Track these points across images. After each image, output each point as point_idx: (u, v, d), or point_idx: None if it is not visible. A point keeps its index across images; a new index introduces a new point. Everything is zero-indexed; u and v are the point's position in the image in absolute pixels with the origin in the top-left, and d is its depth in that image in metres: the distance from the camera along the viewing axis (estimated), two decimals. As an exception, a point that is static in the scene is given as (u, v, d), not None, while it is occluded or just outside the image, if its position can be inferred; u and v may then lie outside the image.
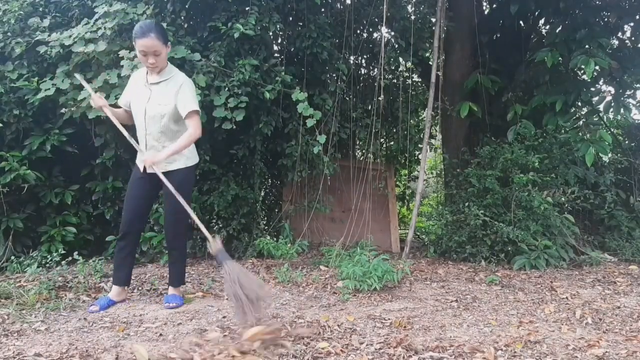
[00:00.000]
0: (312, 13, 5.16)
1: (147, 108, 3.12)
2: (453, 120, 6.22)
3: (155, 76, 3.15)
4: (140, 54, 3.04)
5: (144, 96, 3.14)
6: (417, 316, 3.10)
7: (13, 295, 3.27)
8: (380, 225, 5.94)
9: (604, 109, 5.74)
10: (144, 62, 3.08)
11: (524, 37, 6.47)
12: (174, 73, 3.20)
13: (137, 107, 3.16)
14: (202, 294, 3.58)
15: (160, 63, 3.08)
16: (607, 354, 2.50)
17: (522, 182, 4.87)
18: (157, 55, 3.03)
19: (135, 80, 3.27)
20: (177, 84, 3.12)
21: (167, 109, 3.10)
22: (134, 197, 3.23)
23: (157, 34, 2.99)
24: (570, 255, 4.86)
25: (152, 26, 3.01)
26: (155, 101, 3.11)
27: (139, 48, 3.01)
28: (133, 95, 3.20)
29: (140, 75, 3.24)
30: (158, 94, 3.12)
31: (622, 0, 5.88)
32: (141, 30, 2.98)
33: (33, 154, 4.37)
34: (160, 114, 3.10)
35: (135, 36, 3.01)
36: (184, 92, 3.10)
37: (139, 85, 3.20)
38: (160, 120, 3.11)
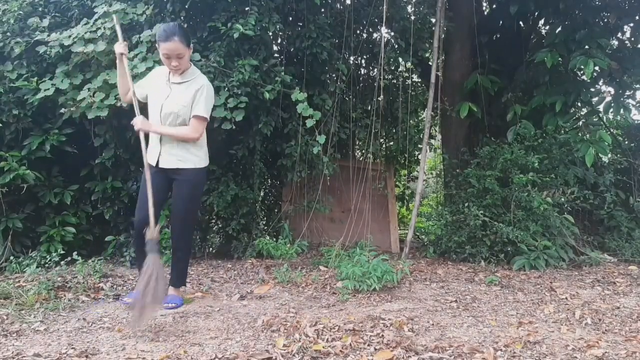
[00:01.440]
0: (311, 13, 5.16)
1: (164, 105, 3.14)
2: (453, 120, 6.22)
3: (177, 77, 3.18)
4: (164, 57, 3.06)
5: (164, 93, 3.17)
6: (417, 316, 3.10)
7: (12, 296, 3.26)
8: (380, 226, 5.94)
9: (604, 110, 5.75)
10: (167, 65, 3.11)
11: (523, 37, 6.48)
12: (197, 75, 3.22)
13: (155, 103, 3.18)
14: (202, 294, 3.58)
15: (183, 65, 3.11)
16: (606, 354, 2.50)
17: (522, 182, 4.87)
18: (181, 58, 3.06)
19: (156, 75, 3.29)
20: (196, 87, 3.15)
21: (184, 110, 3.13)
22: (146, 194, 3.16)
23: (181, 37, 3.01)
24: (569, 255, 4.86)
25: (175, 29, 3.02)
26: (174, 100, 3.13)
27: (163, 51, 3.03)
28: (152, 90, 3.22)
29: (163, 72, 3.26)
30: (178, 93, 3.15)
31: (622, 1, 5.88)
32: (165, 33, 3.00)
33: (32, 154, 4.36)
34: (176, 113, 3.13)
35: (158, 39, 3.04)
36: (201, 96, 3.14)
37: (159, 82, 3.22)
38: (175, 119, 3.14)
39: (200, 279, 4.02)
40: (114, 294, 3.50)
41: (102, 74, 4.17)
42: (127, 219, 4.90)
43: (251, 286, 3.84)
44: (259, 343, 2.60)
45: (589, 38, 5.22)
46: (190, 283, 3.90)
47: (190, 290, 3.67)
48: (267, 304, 3.35)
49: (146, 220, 3.15)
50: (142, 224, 3.15)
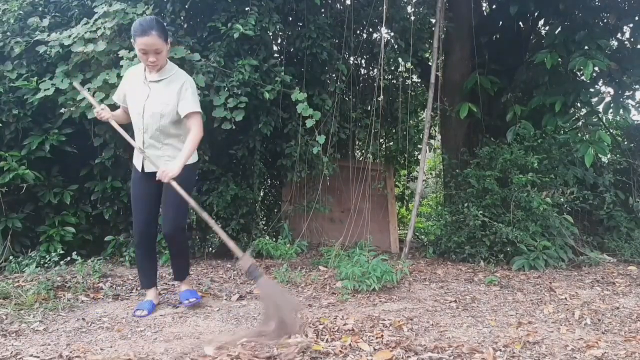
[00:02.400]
0: (311, 13, 5.16)
1: (145, 106, 3.01)
2: (452, 120, 6.22)
3: (155, 74, 3.03)
4: (140, 52, 2.91)
5: (143, 94, 3.03)
6: (416, 317, 3.10)
7: (11, 295, 3.26)
8: (380, 226, 5.94)
9: (603, 110, 5.75)
10: (144, 61, 2.96)
11: (523, 38, 6.48)
12: (175, 71, 3.09)
13: (135, 105, 3.05)
14: (201, 294, 3.57)
15: (160, 61, 2.97)
16: (606, 354, 2.50)
17: (521, 182, 4.87)
18: (158, 53, 2.91)
19: (132, 76, 3.13)
20: (179, 83, 3.02)
21: (167, 108, 3.00)
22: (139, 197, 3.14)
23: (158, 32, 2.87)
24: (569, 255, 4.86)
25: (152, 23, 2.88)
26: (156, 100, 3.00)
27: (139, 46, 2.88)
28: (130, 93, 3.08)
29: (138, 71, 3.12)
30: (158, 92, 3.02)
31: (622, 2, 5.88)
32: (141, 27, 2.85)
33: (32, 154, 4.36)
34: (160, 113, 3.00)
35: (134, 34, 2.88)
36: (185, 92, 3.01)
37: (136, 83, 3.08)
38: (159, 119, 3.01)
39: (200, 279, 4.02)
40: (113, 294, 3.51)
41: (102, 74, 4.17)
42: (126, 219, 4.90)
43: (250, 286, 3.84)
44: (259, 343, 2.60)
45: (589, 39, 5.22)
46: (190, 283, 3.90)
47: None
48: (267, 304, 3.34)
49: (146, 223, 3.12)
50: (143, 227, 3.14)
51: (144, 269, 3.26)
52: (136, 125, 3.10)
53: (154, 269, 3.33)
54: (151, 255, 3.28)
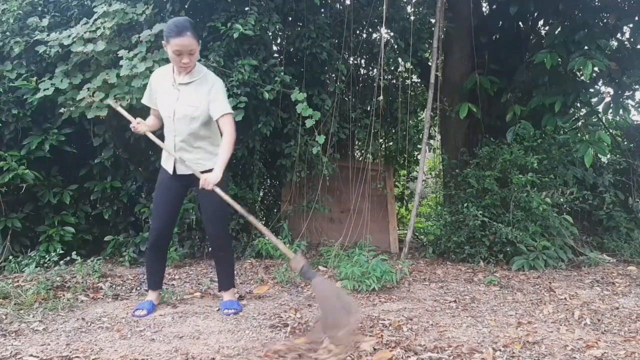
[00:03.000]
0: (311, 13, 5.16)
1: (176, 109, 2.96)
2: (452, 120, 6.21)
3: (184, 76, 2.98)
4: (174, 54, 2.84)
5: (172, 97, 2.98)
6: (416, 317, 3.10)
7: (11, 295, 3.26)
8: (379, 226, 5.93)
9: (603, 110, 5.75)
10: (177, 62, 2.89)
11: (523, 38, 6.48)
12: (204, 72, 3.03)
13: (165, 109, 3.01)
14: (201, 294, 3.57)
15: (193, 63, 2.92)
16: (605, 354, 2.50)
17: (521, 182, 4.87)
18: (192, 54, 2.87)
19: (159, 79, 3.07)
20: (208, 85, 2.97)
21: (198, 111, 2.95)
22: (164, 203, 3.11)
23: (193, 32, 2.82)
24: (568, 256, 4.86)
25: (187, 24, 2.83)
26: (185, 102, 2.96)
27: (174, 47, 2.82)
28: (160, 96, 3.04)
29: (166, 74, 3.06)
30: (188, 94, 2.97)
31: (622, 2, 5.88)
32: (177, 28, 2.79)
33: (32, 154, 4.36)
34: (190, 115, 2.95)
35: (168, 35, 2.82)
36: (216, 93, 2.96)
37: (165, 86, 3.03)
38: (190, 122, 2.97)
39: (200, 279, 4.02)
40: (113, 294, 3.51)
41: (102, 74, 4.17)
42: (126, 219, 4.91)
43: (250, 286, 3.84)
44: (259, 343, 2.60)
45: (589, 39, 5.22)
46: (189, 283, 3.91)
47: (189, 290, 3.68)
48: (266, 304, 3.34)
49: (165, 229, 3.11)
50: (160, 232, 3.12)
51: (152, 269, 3.24)
52: (167, 129, 3.06)
53: (162, 271, 3.31)
54: (162, 257, 3.27)
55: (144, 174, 4.89)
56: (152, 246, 3.19)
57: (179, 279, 4.03)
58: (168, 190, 3.12)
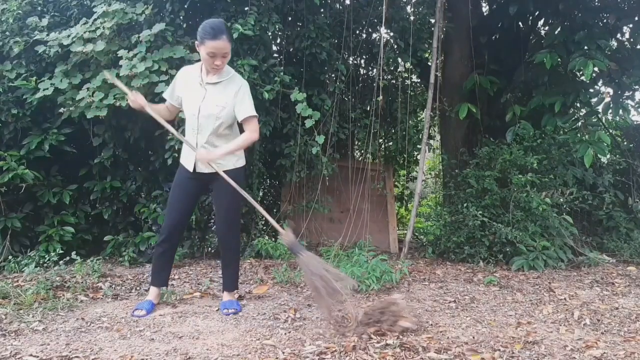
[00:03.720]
0: (311, 13, 5.16)
1: (201, 107, 2.98)
2: (452, 121, 6.22)
3: (213, 76, 3.01)
4: (208, 55, 2.87)
5: (199, 95, 3.00)
6: (416, 317, 3.09)
7: (11, 295, 3.26)
8: (379, 226, 5.94)
9: (603, 110, 5.75)
10: (209, 64, 2.92)
11: (523, 38, 6.48)
12: (232, 74, 3.07)
13: (190, 106, 3.02)
14: (200, 294, 3.57)
15: (224, 65, 2.96)
16: (605, 354, 2.50)
17: (521, 182, 4.87)
18: (225, 57, 2.91)
19: (186, 76, 3.10)
20: (235, 87, 3.01)
21: (224, 111, 2.98)
22: (180, 199, 3.11)
23: (228, 35, 2.86)
24: (568, 256, 4.86)
25: (223, 27, 2.86)
26: (212, 101, 2.98)
27: (209, 49, 2.84)
28: (186, 94, 3.06)
29: (193, 72, 3.08)
30: (215, 94, 2.99)
31: (621, 2, 5.89)
32: (213, 31, 2.82)
33: (31, 154, 4.36)
34: (215, 115, 2.97)
35: (204, 36, 2.83)
36: (243, 96, 3.01)
37: (192, 84, 3.05)
38: (214, 121, 2.98)
39: (199, 279, 4.02)
40: (112, 294, 3.50)
41: (101, 74, 4.17)
42: (125, 219, 4.90)
43: (250, 286, 3.84)
44: (258, 343, 2.60)
45: (588, 39, 5.22)
46: (189, 283, 3.91)
47: (188, 289, 3.67)
48: (266, 304, 3.34)
49: (177, 225, 3.13)
50: (173, 229, 3.13)
51: (159, 266, 3.24)
52: (190, 126, 3.07)
53: (169, 269, 3.32)
54: (171, 254, 3.28)
55: (143, 174, 4.89)
56: (163, 242, 3.18)
57: (179, 279, 4.03)
58: (186, 187, 3.12)
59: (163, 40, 4.27)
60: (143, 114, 3.13)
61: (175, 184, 3.18)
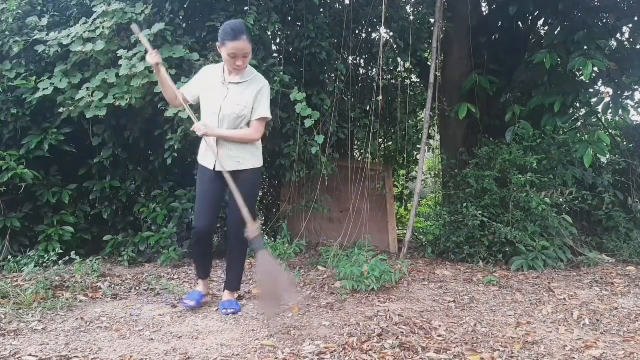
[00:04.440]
0: (310, 13, 5.16)
1: (223, 106, 3.01)
2: (451, 120, 6.21)
3: (235, 76, 3.04)
4: (229, 56, 2.90)
5: (221, 94, 3.04)
6: (415, 317, 3.10)
7: (10, 295, 3.26)
8: (378, 226, 5.93)
9: (603, 110, 5.75)
10: (231, 65, 2.96)
11: (522, 38, 6.48)
12: (255, 75, 3.11)
13: (212, 105, 3.05)
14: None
15: (245, 65, 2.99)
16: (604, 355, 2.51)
17: (521, 182, 4.87)
18: (246, 57, 2.94)
19: (209, 76, 3.13)
20: (257, 87, 3.05)
21: (245, 110, 3.02)
22: (206, 200, 3.14)
23: (248, 35, 2.90)
24: (568, 256, 4.86)
25: (243, 27, 2.90)
26: (233, 101, 3.01)
27: (230, 50, 2.88)
28: (207, 92, 3.08)
29: (216, 72, 3.12)
30: (237, 94, 3.03)
31: (621, 2, 5.88)
32: (233, 32, 2.85)
33: (31, 153, 4.36)
34: (236, 114, 3.01)
35: (225, 38, 2.88)
36: (262, 97, 3.06)
37: (214, 83, 3.08)
38: (235, 120, 3.03)
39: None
40: (112, 294, 3.50)
41: (101, 73, 4.17)
42: (125, 219, 4.90)
43: (249, 286, 3.83)
44: (258, 343, 2.60)
45: (588, 39, 5.22)
46: (189, 282, 3.91)
47: (188, 290, 3.67)
48: (266, 304, 3.34)
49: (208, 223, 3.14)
50: (203, 228, 3.14)
51: (200, 261, 3.30)
52: (210, 124, 3.07)
53: (209, 262, 3.38)
54: (208, 252, 3.31)
55: (143, 174, 4.89)
56: (197, 242, 3.20)
57: (178, 278, 4.03)
58: (209, 186, 3.14)
59: (163, 40, 4.28)
60: (142, 113, 3.14)
61: (199, 185, 3.20)
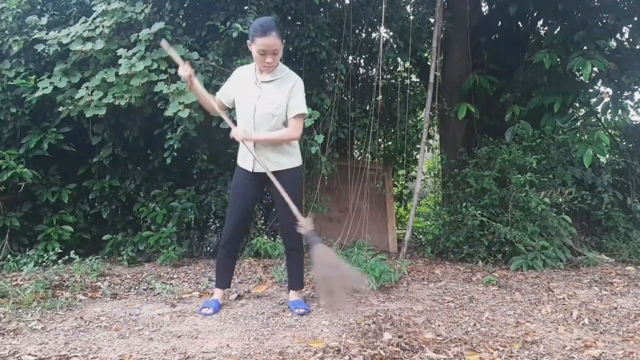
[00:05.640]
0: (310, 12, 5.16)
1: (257, 106, 2.99)
2: (451, 120, 6.21)
3: (267, 75, 3.02)
4: (258, 53, 2.88)
5: (254, 94, 3.01)
6: (414, 316, 3.10)
7: (9, 294, 3.26)
8: (378, 226, 5.93)
9: (602, 110, 5.75)
10: (260, 62, 2.93)
11: (522, 38, 6.48)
12: (286, 71, 3.07)
13: (246, 105, 3.03)
14: (199, 293, 3.57)
15: (276, 62, 2.96)
16: (603, 354, 2.51)
17: (520, 182, 4.87)
18: (276, 54, 2.91)
19: (241, 76, 3.12)
20: (290, 84, 3.02)
21: (280, 109, 2.99)
22: (240, 202, 3.13)
23: (278, 32, 2.85)
24: (567, 256, 4.86)
25: (273, 24, 2.86)
26: (267, 100, 2.99)
27: (259, 47, 2.85)
28: (240, 93, 3.07)
29: (248, 72, 3.11)
30: (270, 92, 3.00)
31: (621, 2, 5.89)
32: (262, 28, 2.83)
33: (30, 153, 4.36)
34: (271, 113, 2.98)
35: (254, 34, 2.85)
36: (296, 93, 3.02)
37: (247, 83, 3.06)
38: (270, 119, 2.99)
39: (198, 278, 4.02)
40: (111, 293, 3.50)
41: (101, 73, 4.16)
42: (124, 218, 4.90)
43: (249, 286, 3.84)
44: (257, 343, 2.60)
45: (588, 39, 5.22)
46: (188, 282, 3.91)
47: (187, 289, 3.67)
48: (265, 304, 3.34)
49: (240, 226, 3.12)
50: (235, 230, 3.12)
51: (223, 268, 3.26)
52: (247, 125, 3.05)
53: (232, 270, 3.34)
54: (234, 256, 3.29)
55: (142, 173, 4.89)
56: (226, 243, 3.18)
57: (178, 278, 4.03)
58: (245, 189, 3.13)
59: (162, 39, 4.27)
60: (142, 112, 3.13)
61: (234, 187, 3.19)
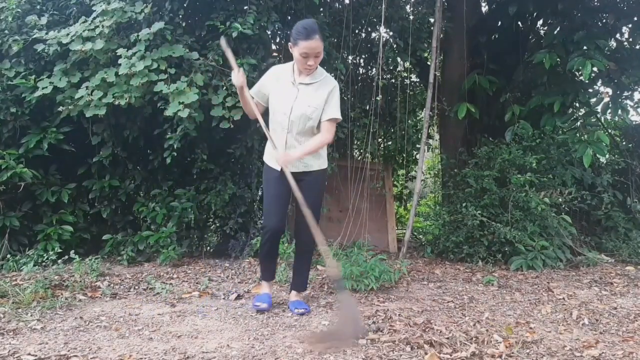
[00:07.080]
0: (310, 12, 5.16)
1: (293, 107, 2.98)
2: (451, 120, 6.21)
3: (305, 77, 3.02)
4: (301, 56, 2.89)
5: (291, 95, 3.00)
6: (414, 316, 3.10)
7: (9, 294, 3.25)
8: (378, 225, 5.93)
9: (602, 110, 5.76)
10: (302, 64, 2.93)
11: (522, 38, 6.48)
12: (325, 75, 3.08)
13: (282, 105, 3.01)
14: (199, 293, 3.57)
15: (316, 65, 2.97)
16: (603, 354, 2.51)
17: (520, 182, 4.87)
18: (317, 57, 2.91)
19: (277, 76, 3.09)
20: (328, 88, 3.01)
21: (316, 112, 2.99)
22: (276, 197, 3.11)
23: (320, 35, 2.86)
24: (567, 256, 4.86)
25: (315, 27, 2.87)
26: (304, 102, 2.98)
27: (302, 50, 2.86)
28: (276, 93, 3.05)
29: (285, 72, 3.09)
30: (307, 95, 2.99)
31: (620, 2, 5.89)
32: (306, 31, 2.84)
33: (30, 152, 4.36)
34: (307, 115, 2.98)
35: (297, 37, 2.86)
36: (333, 98, 3.01)
37: (284, 83, 3.05)
38: (306, 121, 2.99)
39: (198, 278, 4.02)
40: (111, 293, 3.50)
41: (100, 72, 4.16)
42: (124, 218, 4.90)
43: (248, 285, 3.84)
44: (257, 342, 2.60)
45: (588, 39, 5.22)
46: (188, 282, 3.91)
47: (187, 289, 3.67)
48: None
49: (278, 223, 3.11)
50: (274, 227, 3.11)
51: (268, 262, 3.29)
52: (280, 125, 3.05)
53: (275, 264, 3.40)
54: (275, 251, 3.31)
55: (142, 173, 4.89)
56: (267, 241, 3.17)
57: (177, 278, 4.03)
58: (276, 186, 3.11)
59: (162, 39, 4.27)
60: (142, 112, 3.13)
61: (267, 187, 3.18)
